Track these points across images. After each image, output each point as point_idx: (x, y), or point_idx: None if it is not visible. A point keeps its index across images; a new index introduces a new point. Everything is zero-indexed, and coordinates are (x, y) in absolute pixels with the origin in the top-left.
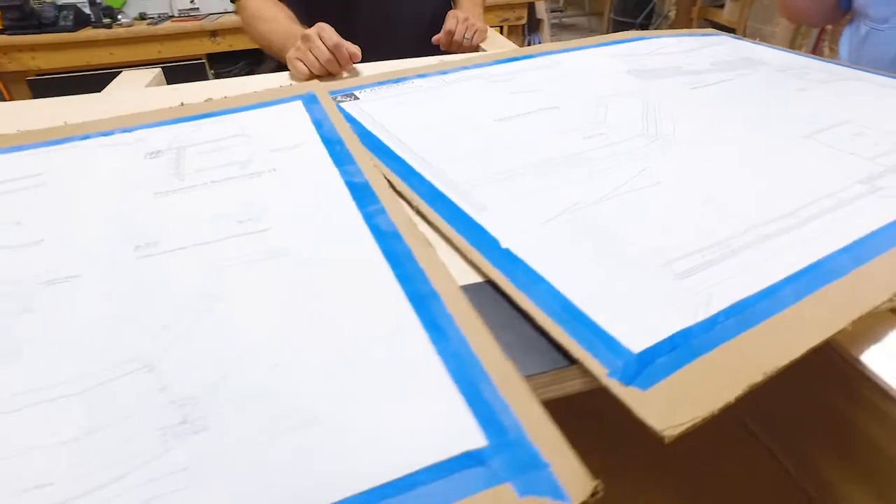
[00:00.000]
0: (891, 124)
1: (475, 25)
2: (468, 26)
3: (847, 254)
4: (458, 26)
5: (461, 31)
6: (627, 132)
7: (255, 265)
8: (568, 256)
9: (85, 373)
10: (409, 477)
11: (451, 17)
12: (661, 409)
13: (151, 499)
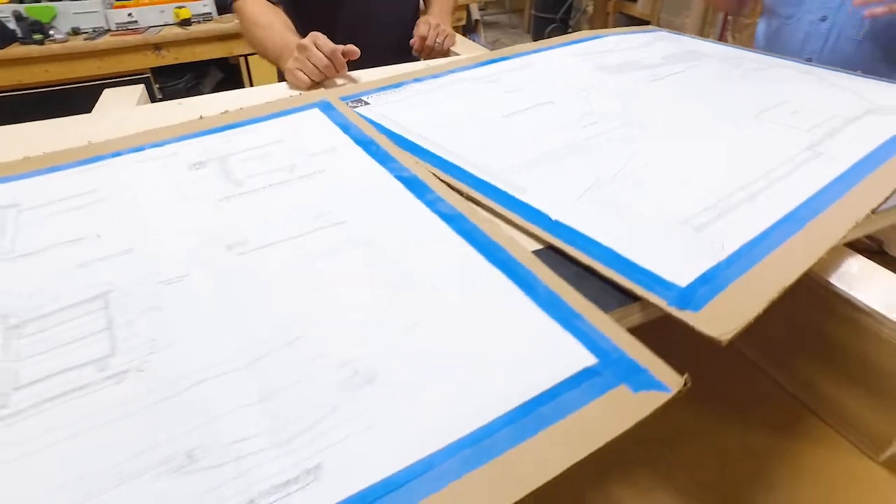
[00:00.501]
0: (817, 102)
1: (445, 31)
2: (439, 32)
3: (810, 204)
4: (430, 32)
5: (433, 36)
6: (613, 122)
7: (345, 252)
8: (604, 223)
9: (237, 352)
10: (552, 390)
11: (423, 24)
12: (712, 322)
13: (343, 439)
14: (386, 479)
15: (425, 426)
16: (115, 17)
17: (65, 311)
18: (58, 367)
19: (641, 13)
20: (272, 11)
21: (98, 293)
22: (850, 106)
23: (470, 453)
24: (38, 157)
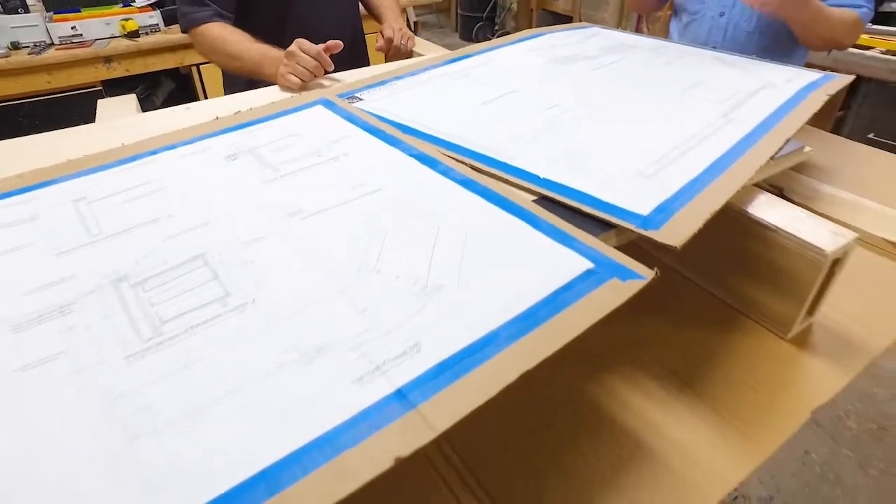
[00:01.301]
0: (725, 81)
1: (408, 34)
2: (403, 34)
3: (727, 156)
4: (395, 34)
5: (398, 38)
6: (570, 104)
7: (388, 208)
8: (579, 178)
9: (329, 284)
10: (569, 284)
11: (388, 28)
12: (669, 237)
13: (430, 326)
14: (467, 347)
15: (483, 315)
16: (57, 30)
17: (174, 269)
18: (189, 306)
19: (563, 9)
20: (235, 30)
21: (196, 255)
22: (750, 83)
23: (519, 328)
24: (80, 159)
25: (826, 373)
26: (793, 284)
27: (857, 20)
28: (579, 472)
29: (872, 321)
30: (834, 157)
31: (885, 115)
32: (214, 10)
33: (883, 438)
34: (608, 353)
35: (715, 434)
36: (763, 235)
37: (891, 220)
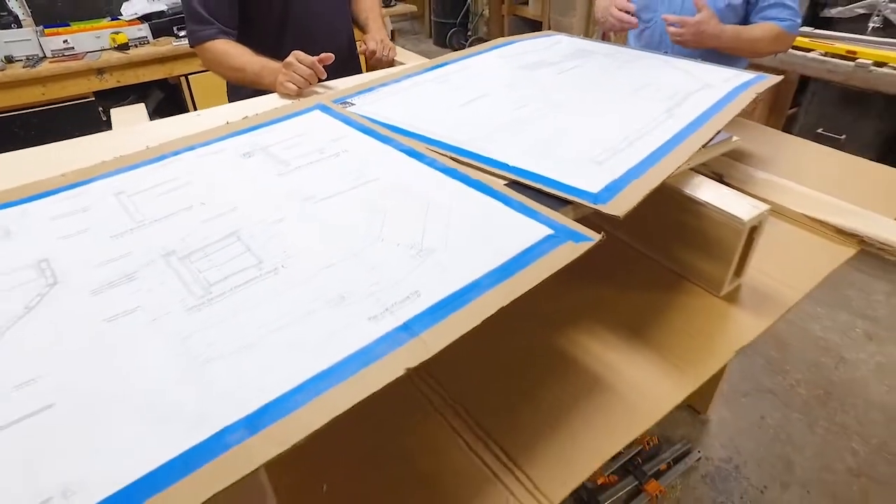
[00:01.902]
0: (670, 82)
1: (390, 45)
2: (384, 45)
3: (668, 144)
4: (378, 46)
5: (380, 49)
6: (536, 104)
7: (386, 193)
8: (543, 165)
9: (345, 250)
10: (534, 245)
11: (371, 40)
12: (614, 209)
13: (426, 280)
14: (455, 292)
15: (467, 269)
16: (49, 44)
17: (213, 245)
18: (230, 271)
19: (533, 15)
20: (237, 45)
21: (230, 232)
22: (690, 84)
23: (496, 278)
24: (113, 160)
25: (749, 322)
26: (721, 249)
27: (782, 32)
28: (547, 401)
29: (791, 280)
30: (770, 149)
31: (830, 112)
32: (219, 28)
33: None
34: (572, 312)
35: (658, 371)
36: (696, 210)
37: (809, 199)
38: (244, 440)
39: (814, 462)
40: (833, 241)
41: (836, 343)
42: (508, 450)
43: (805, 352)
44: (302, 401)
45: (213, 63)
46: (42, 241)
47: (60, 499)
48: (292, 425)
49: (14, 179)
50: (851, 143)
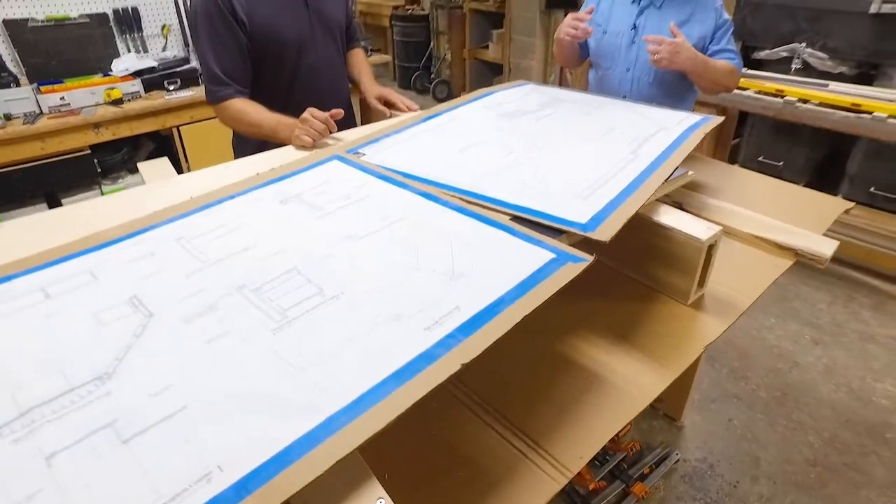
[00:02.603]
0: (632, 126)
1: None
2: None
3: (635, 181)
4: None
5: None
6: (521, 149)
7: (413, 230)
8: (536, 201)
9: (392, 279)
10: (542, 267)
11: (390, 93)
12: (602, 234)
13: (463, 296)
14: (487, 306)
15: (492, 288)
16: (47, 101)
17: (277, 278)
18: (298, 299)
19: (493, 58)
20: (253, 103)
21: (290, 268)
22: (649, 127)
23: (516, 294)
24: (164, 210)
25: (713, 323)
26: (685, 265)
27: (734, 69)
28: (557, 395)
29: (743, 288)
30: (719, 179)
31: (768, 142)
32: (236, 88)
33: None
34: (569, 323)
35: (643, 365)
36: (662, 233)
37: (754, 220)
38: (347, 424)
39: (777, 456)
40: (774, 255)
41: (788, 350)
42: (531, 434)
43: (763, 359)
44: (387, 391)
45: (231, 119)
46: (126, 281)
47: (217, 472)
48: (383, 410)
49: (72, 232)
50: (788, 168)
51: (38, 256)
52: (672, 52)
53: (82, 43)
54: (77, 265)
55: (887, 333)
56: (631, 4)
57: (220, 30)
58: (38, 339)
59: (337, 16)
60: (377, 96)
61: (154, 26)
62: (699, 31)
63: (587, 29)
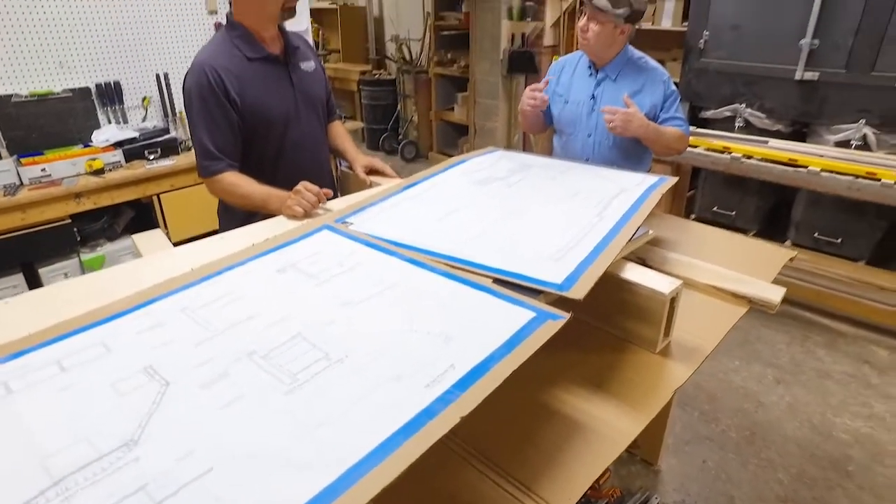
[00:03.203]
0: (596, 189)
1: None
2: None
3: (603, 241)
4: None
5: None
6: (497, 214)
7: (406, 295)
8: (517, 264)
9: (388, 339)
10: (524, 326)
11: (375, 161)
12: (576, 293)
13: (455, 358)
14: (479, 363)
15: (483, 346)
16: (27, 173)
17: (284, 345)
18: (306, 362)
19: (459, 119)
20: (243, 176)
21: (295, 334)
22: (612, 189)
23: (504, 350)
24: (167, 282)
25: (680, 369)
26: (651, 317)
27: (682, 135)
28: (543, 441)
29: (705, 335)
30: (677, 233)
31: (720, 194)
32: (227, 163)
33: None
34: (549, 374)
35: (619, 411)
36: (629, 288)
37: (710, 272)
38: (361, 477)
39: (750, 494)
40: (730, 303)
41: (753, 390)
42: (522, 480)
43: (730, 401)
44: (395, 446)
45: (223, 192)
46: (139, 351)
47: None
48: (393, 463)
49: (79, 305)
50: (740, 217)
51: (50, 330)
52: (625, 122)
53: (64, 115)
54: (89, 337)
55: (841, 370)
56: (589, 77)
57: (213, 109)
58: (60, 410)
59: (319, 93)
60: (364, 165)
61: (135, 98)
62: (651, 100)
63: (544, 98)
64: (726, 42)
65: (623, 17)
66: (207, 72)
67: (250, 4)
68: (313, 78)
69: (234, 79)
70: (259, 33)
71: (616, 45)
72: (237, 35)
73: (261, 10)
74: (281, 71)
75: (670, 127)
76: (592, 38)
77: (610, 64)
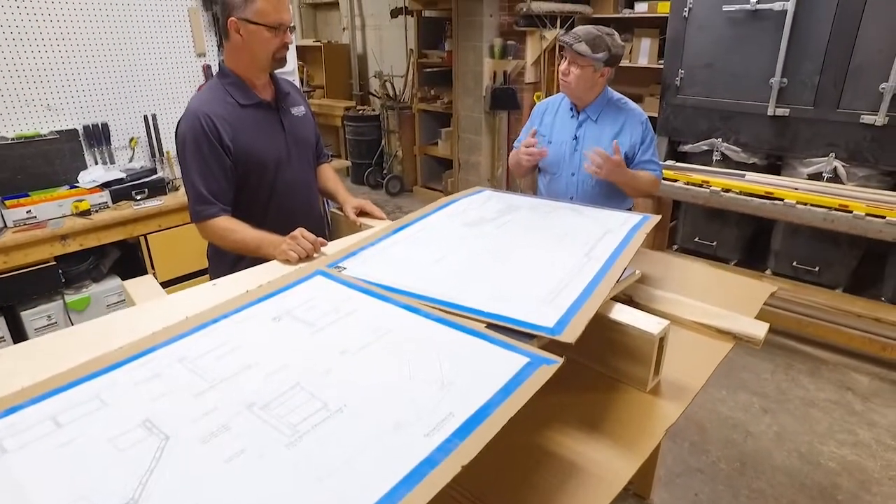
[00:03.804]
0: (583, 230)
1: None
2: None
3: (592, 283)
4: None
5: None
6: (488, 257)
7: (404, 345)
8: (509, 308)
9: (388, 384)
10: (519, 372)
11: (365, 203)
12: (568, 336)
13: (455, 406)
14: (478, 411)
15: (480, 393)
16: (12, 215)
17: (283, 394)
18: (305, 413)
19: (443, 154)
20: (236, 220)
21: (293, 384)
22: (597, 230)
23: (501, 397)
24: (163, 331)
25: (671, 408)
26: (641, 356)
27: (656, 180)
28: (541, 483)
29: (693, 372)
30: (661, 269)
31: (701, 224)
32: (220, 207)
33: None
34: (543, 416)
35: (613, 451)
36: (619, 329)
37: (695, 308)
38: None
39: None
40: (715, 339)
41: (741, 420)
42: None
43: (719, 431)
44: (399, 497)
45: (216, 236)
46: (137, 404)
47: None
48: None
49: (73, 355)
50: (721, 247)
51: (45, 384)
52: (609, 170)
53: (50, 157)
54: (85, 391)
55: (825, 397)
56: (571, 118)
57: (206, 154)
58: (57, 469)
59: (309, 137)
60: (354, 207)
61: (122, 139)
62: (630, 140)
63: (542, 152)
64: (701, 80)
65: (602, 62)
66: (201, 118)
67: (242, 54)
68: (303, 122)
69: (228, 125)
70: (251, 80)
71: (596, 87)
72: (230, 82)
73: (252, 59)
74: (272, 116)
75: (645, 171)
76: (573, 81)
77: (591, 105)
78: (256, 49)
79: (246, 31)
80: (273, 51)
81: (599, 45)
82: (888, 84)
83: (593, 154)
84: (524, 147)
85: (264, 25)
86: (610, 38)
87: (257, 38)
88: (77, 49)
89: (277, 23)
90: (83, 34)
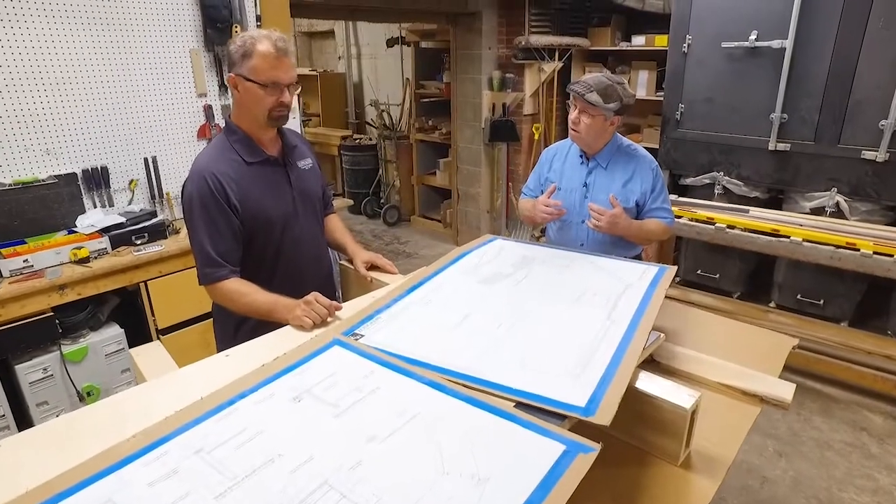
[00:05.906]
0: (600, 286)
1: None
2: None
3: (619, 350)
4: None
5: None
6: (509, 319)
7: (435, 429)
8: (536, 384)
9: (422, 486)
10: (555, 464)
11: (376, 257)
12: (602, 418)
13: (484, 476)
14: None
15: (517, 490)
16: (8, 265)
17: (312, 495)
18: None
19: (441, 184)
20: (246, 283)
21: (322, 482)
22: (616, 286)
23: (541, 494)
24: (176, 416)
25: (704, 483)
26: (672, 429)
27: (666, 227)
28: None
29: (723, 441)
30: (679, 322)
31: (704, 258)
32: (230, 269)
33: None
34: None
35: None
36: (649, 401)
37: (717, 367)
38: None
39: None
40: (742, 402)
41: (756, 464)
42: None
43: (734, 477)
44: None
45: (225, 299)
46: None
47: None
48: None
49: (84, 446)
50: (724, 279)
51: (50, 485)
52: (611, 224)
53: (48, 202)
54: (96, 492)
55: (840, 438)
56: (580, 165)
57: (214, 215)
58: None
59: (316, 189)
60: (365, 261)
61: (122, 181)
62: (641, 187)
63: (562, 211)
64: (701, 114)
65: (613, 111)
66: (208, 178)
67: (243, 110)
68: (310, 175)
69: (234, 184)
70: (257, 136)
71: (606, 135)
72: (236, 139)
73: (252, 117)
74: (279, 172)
75: (655, 219)
76: (584, 130)
77: (601, 153)
78: (251, 106)
79: (243, 88)
80: (268, 109)
81: (611, 94)
82: (887, 121)
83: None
84: (542, 205)
85: (257, 83)
86: (621, 87)
87: (252, 96)
88: (77, 93)
89: (271, 81)
90: (83, 78)
